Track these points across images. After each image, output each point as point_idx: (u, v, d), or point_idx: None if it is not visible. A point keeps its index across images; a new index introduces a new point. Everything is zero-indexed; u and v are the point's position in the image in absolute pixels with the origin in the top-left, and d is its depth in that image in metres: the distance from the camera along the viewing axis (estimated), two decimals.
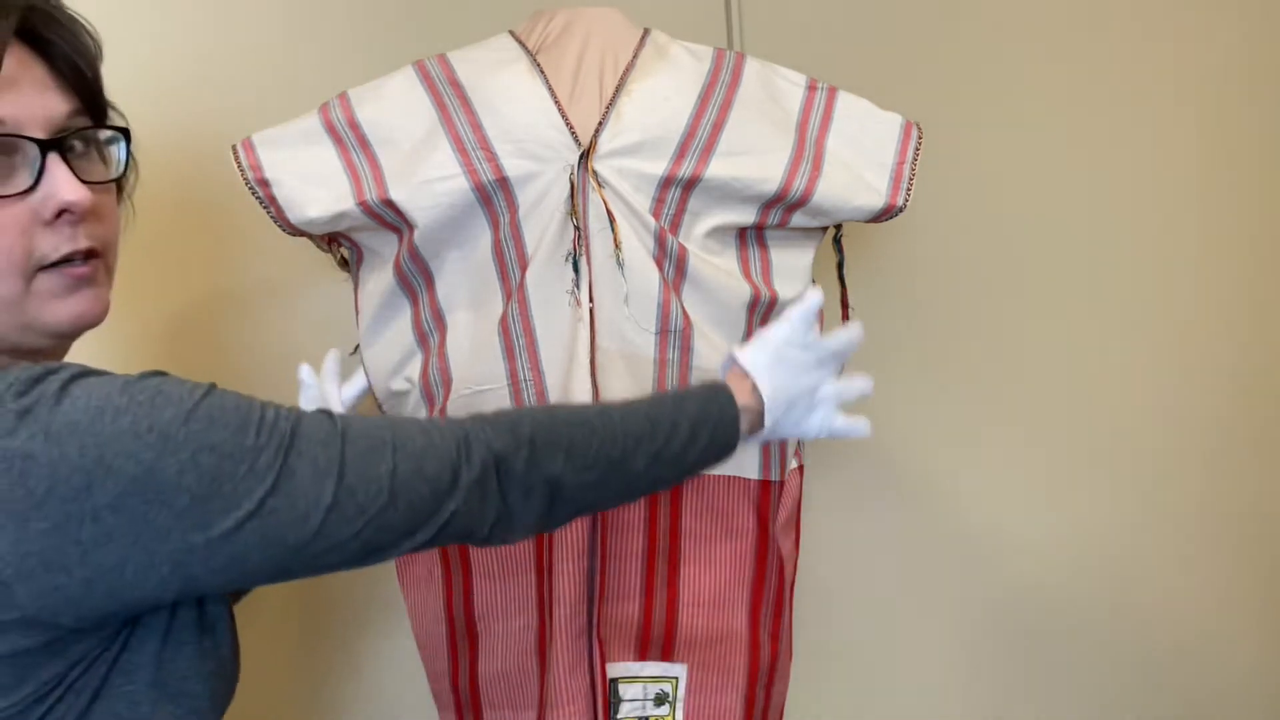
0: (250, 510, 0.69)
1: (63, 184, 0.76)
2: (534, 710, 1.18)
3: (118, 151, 0.83)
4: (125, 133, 0.82)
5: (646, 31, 1.26)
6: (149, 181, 0.91)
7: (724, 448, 0.98)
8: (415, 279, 1.22)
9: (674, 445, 0.92)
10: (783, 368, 1.03)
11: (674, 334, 1.18)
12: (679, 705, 1.19)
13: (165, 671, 0.74)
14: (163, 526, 0.67)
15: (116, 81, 1.37)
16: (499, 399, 1.17)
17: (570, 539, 1.13)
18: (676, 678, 1.20)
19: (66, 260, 0.77)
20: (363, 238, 1.23)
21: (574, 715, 1.12)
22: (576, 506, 0.91)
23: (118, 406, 0.67)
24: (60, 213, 0.76)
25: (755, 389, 1.00)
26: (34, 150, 0.74)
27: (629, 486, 0.93)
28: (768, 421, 1.01)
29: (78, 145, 0.78)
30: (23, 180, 0.74)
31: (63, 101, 0.77)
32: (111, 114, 0.84)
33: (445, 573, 1.23)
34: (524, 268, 1.17)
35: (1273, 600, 1.81)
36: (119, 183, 0.85)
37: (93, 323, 0.80)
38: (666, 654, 1.19)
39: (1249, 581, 1.81)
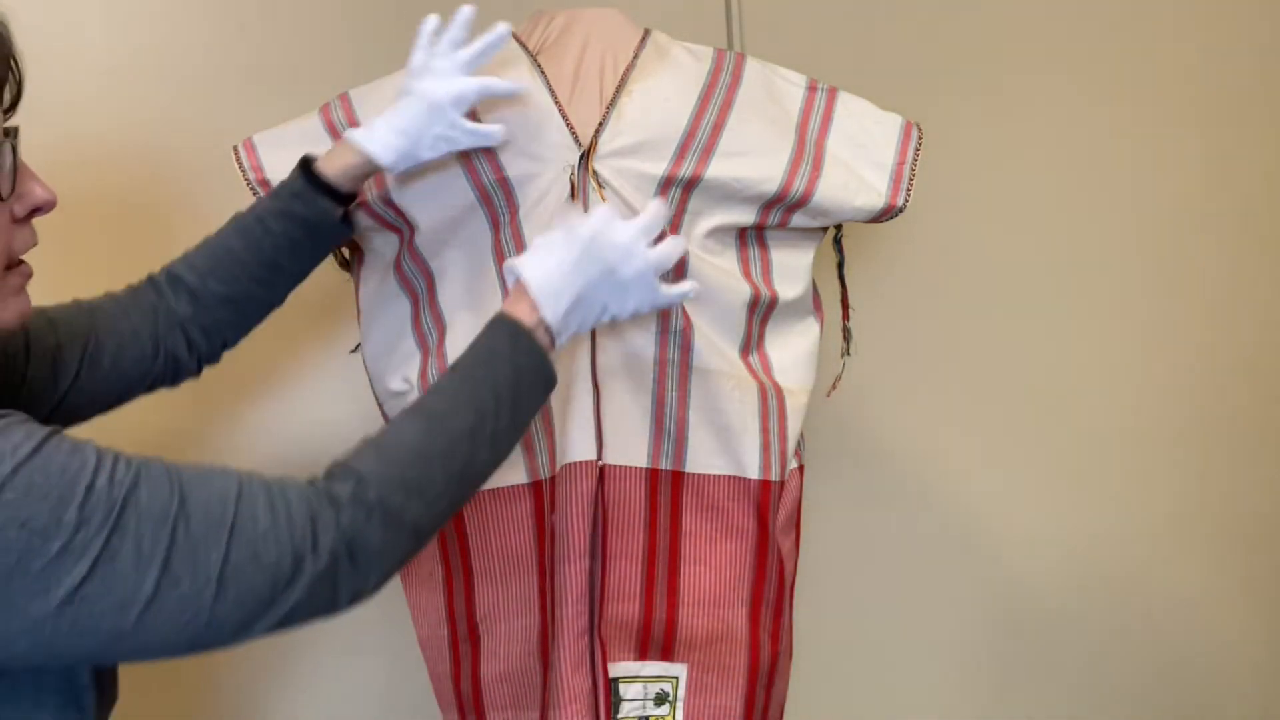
0: (60, 597, 0.63)
1: (36, 185, 0.76)
2: (537, 711, 1.18)
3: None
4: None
5: (647, 32, 1.26)
6: (149, 182, 0.91)
7: (546, 383, 0.95)
8: (416, 279, 1.22)
9: (503, 420, 0.89)
10: (555, 265, 0.97)
11: (674, 334, 1.18)
12: (679, 705, 1.19)
13: (8, 709, 0.70)
14: None
15: (118, 82, 1.38)
16: None
17: (571, 539, 1.14)
18: (677, 677, 1.20)
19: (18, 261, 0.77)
20: (363, 238, 1.24)
21: (576, 715, 1.12)
22: (439, 525, 0.87)
23: None
24: (34, 211, 0.76)
25: (534, 299, 0.96)
26: (9, 152, 0.73)
27: (483, 475, 0.90)
28: (553, 323, 0.96)
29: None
30: (5, 184, 0.73)
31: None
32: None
33: (446, 574, 1.23)
34: None
35: (1273, 600, 1.81)
36: None
37: (28, 324, 0.80)
38: (667, 654, 1.19)
39: (1250, 581, 1.81)
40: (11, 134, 0.75)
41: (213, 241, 1.06)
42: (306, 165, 1.06)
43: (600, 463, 1.16)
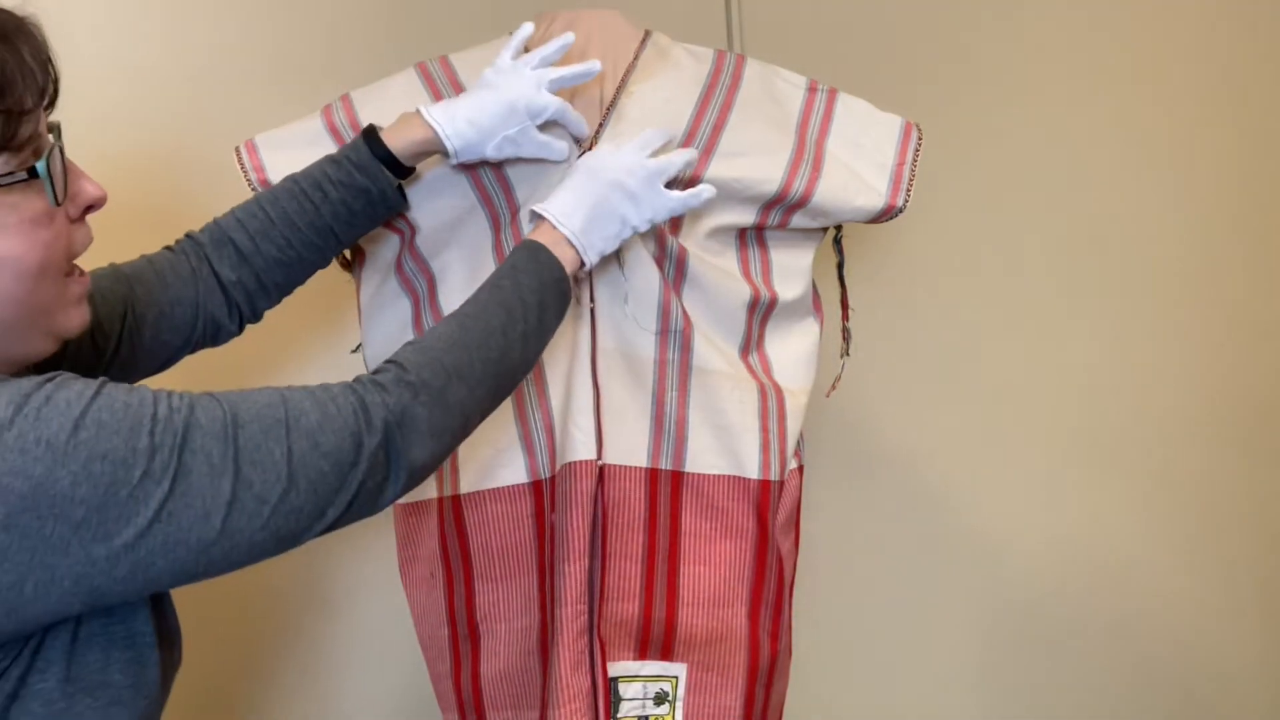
0: (150, 517, 0.68)
1: (86, 182, 0.78)
2: (537, 711, 1.18)
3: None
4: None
5: (648, 33, 1.26)
6: (152, 183, 0.92)
7: (565, 295, 1.03)
8: (417, 279, 1.22)
9: (530, 321, 0.97)
10: (568, 193, 1.07)
11: (674, 334, 1.18)
12: (679, 704, 1.19)
13: (78, 666, 0.73)
14: (60, 541, 0.66)
15: (119, 84, 1.38)
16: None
17: (571, 539, 1.14)
18: (676, 677, 1.20)
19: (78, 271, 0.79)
20: (364, 238, 1.24)
21: (575, 714, 1.12)
22: (484, 410, 0.94)
23: (3, 421, 0.65)
24: (87, 209, 0.78)
25: (552, 220, 1.05)
26: (59, 156, 0.75)
27: (515, 375, 0.97)
28: (575, 237, 1.05)
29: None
30: (60, 188, 0.75)
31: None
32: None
33: (447, 574, 1.23)
34: None
35: (1274, 601, 1.81)
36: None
37: (85, 330, 0.82)
38: (666, 653, 1.19)
39: (1251, 582, 1.81)
40: (55, 130, 0.76)
41: (265, 203, 1.08)
42: (371, 135, 1.08)
43: (600, 462, 1.16)
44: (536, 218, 1.08)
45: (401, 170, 1.09)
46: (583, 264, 1.07)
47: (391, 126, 1.09)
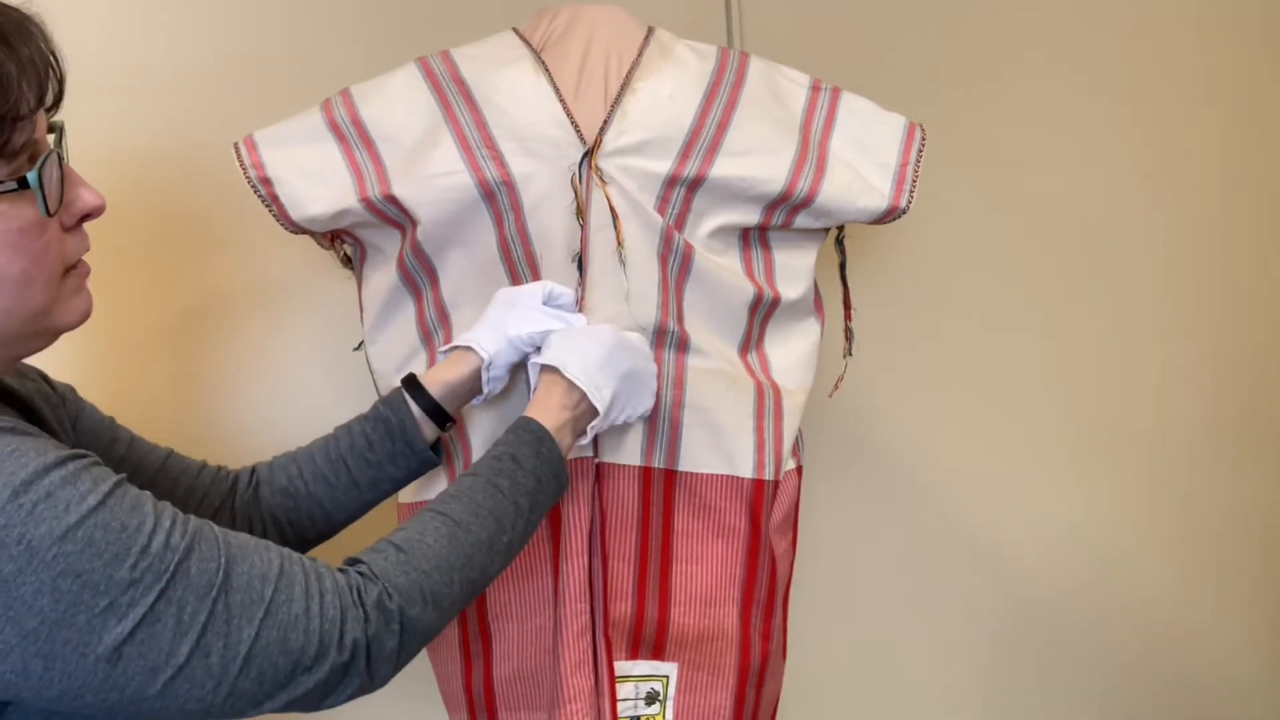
0: (99, 653, 0.65)
1: (84, 190, 0.76)
2: (545, 713, 1.18)
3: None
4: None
5: (651, 30, 1.26)
6: (152, 181, 0.91)
7: (559, 490, 1.00)
8: (419, 275, 1.22)
9: (518, 530, 0.93)
10: (594, 358, 1.05)
11: (670, 334, 1.18)
12: (669, 704, 1.19)
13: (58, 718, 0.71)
14: (3, 643, 0.63)
15: (119, 82, 1.37)
16: (515, 401, 1.18)
17: (570, 538, 1.13)
18: (667, 676, 1.20)
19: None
20: (365, 234, 1.23)
21: (576, 715, 1.12)
22: (442, 627, 0.90)
23: None
24: (83, 218, 0.76)
25: (578, 391, 1.03)
26: (55, 163, 0.74)
27: (488, 582, 0.93)
28: (599, 413, 1.04)
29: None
30: (54, 196, 0.73)
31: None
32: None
33: None
34: (533, 265, 1.17)
35: (1274, 600, 1.82)
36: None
37: (87, 318, 0.80)
38: (658, 653, 1.19)
39: (1251, 582, 1.81)
40: (58, 131, 0.76)
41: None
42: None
43: (596, 460, 1.16)
44: (544, 373, 1.05)
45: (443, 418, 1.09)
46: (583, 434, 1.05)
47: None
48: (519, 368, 1.13)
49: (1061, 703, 1.74)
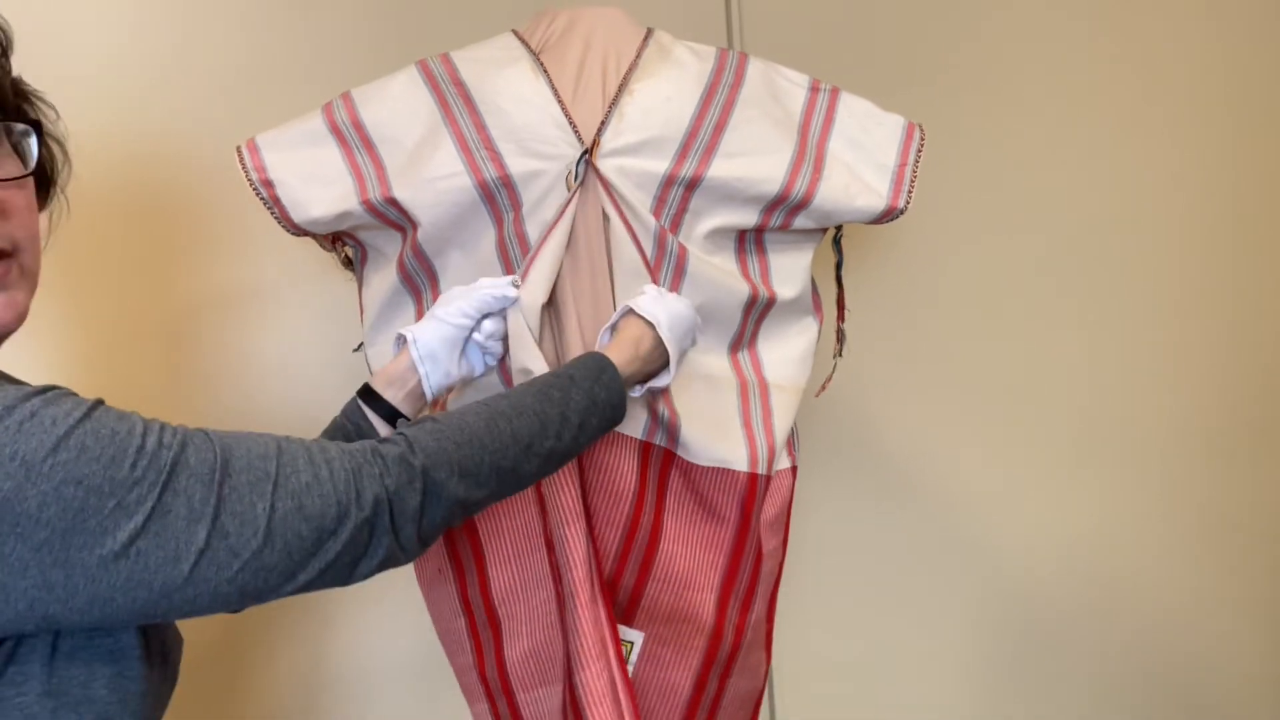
0: (115, 550, 0.65)
1: None
2: (560, 684, 1.19)
3: (31, 147, 0.78)
4: (36, 125, 0.78)
5: (650, 31, 1.26)
6: (156, 184, 0.91)
7: (614, 419, 1.01)
8: (419, 277, 1.22)
9: (564, 440, 0.93)
10: (679, 313, 1.10)
11: None
12: (630, 668, 1.21)
13: (59, 680, 0.70)
14: (19, 561, 0.63)
15: (122, 85, 1.38)
16: (493, 386, 1.19)
17: (563, 507, 1.14)
18: (632, 643, 1.21)
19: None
20: (366, 236, 1.24)
21: (602, 673, 1.12)
22: (468, 516, 0.91)
23: None
24: None
25: (657, 338, 1.06)
26: None
27: (519, 486, 0.93)
28: (672, 358, 1.07)
29: None
30: None
31: None
32: (33, 106, 0.80)
33: (456, 566, 1.24)
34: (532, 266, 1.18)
35: (1273, 600, 1.81)
36: (42, 179, 0.81)
37: (2, 330, 0.77)
38: (626, 619, 1.21)
39: (1250, 582, 1.81)
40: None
41: None
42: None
43: None
44: (624, 316, 1.09)
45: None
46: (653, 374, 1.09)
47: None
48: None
49: (1057, 703, 1.74)
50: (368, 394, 1.07)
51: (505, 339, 1.14)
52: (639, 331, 1.06)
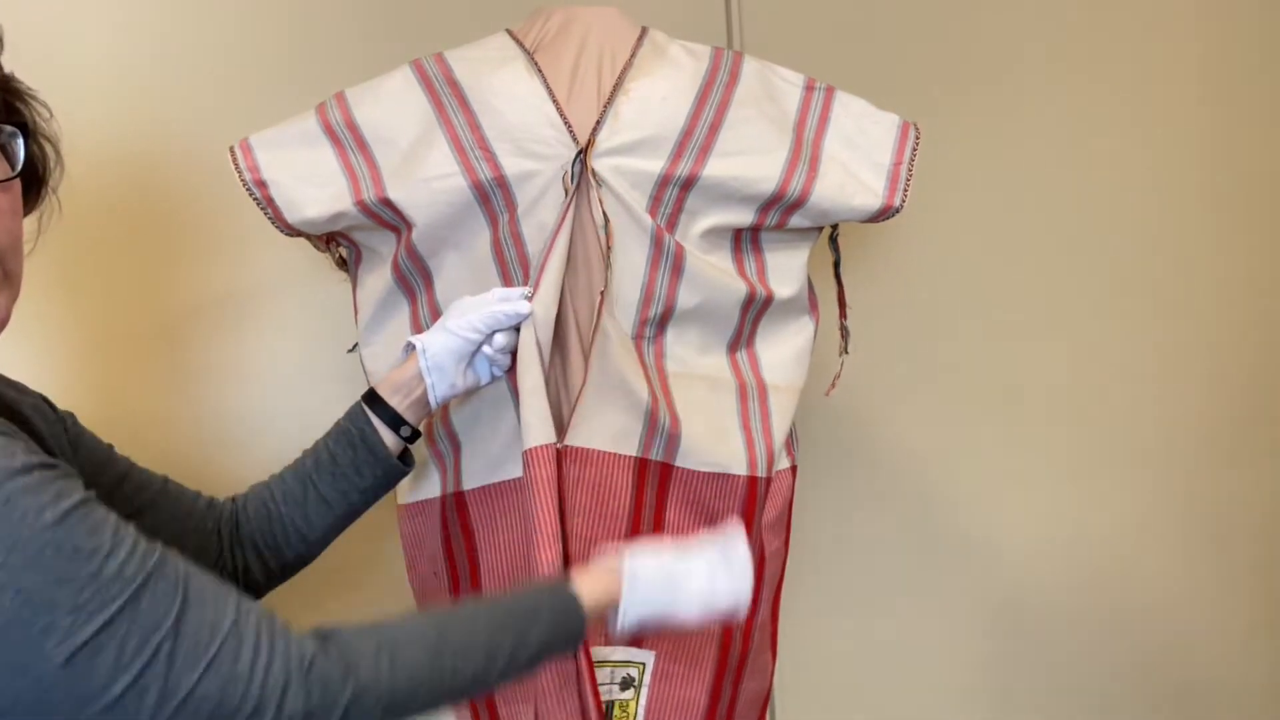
0: (36, 674, 0.63)
1: None
2: (532, 703, 1.18)
3: (18, 149, 0.76)
4: (24, 127, 0.77)
5: (645, 30, 1.26)
6: (148, 184, 0.91)
7: (565, 655, 0.97)
8: (413, 278, 1.22)
9: (509, 675, 0.88)
10: (655, 571, 1.00)
11: (648, 340, 1.19)
12: (644, 691, 1.20)
13: None
14: None
15: (116, 85, 1.37)
16: (498, 394, 1.18)
17: (541, 528, 1.10)
18: (644, 663, 1.20)
19: None
20: (360, 237, 1.24)
21: (564, 702, 1.12)
22: None
23: None
24: None
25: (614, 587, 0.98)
26: None
27: (451, 704, 0.89)
28: (624, 620, 0.99)
29: None
30: None
31: None
32: (25, 105, 0.80)
33: (451, 572, 1.23)
34: (525, 266, 1.18)
35: (1272, 600, 1.82)
36: (33, 179, 0.81)
37: None
38: (636, 639, 1.19)
39: (1249, 582, 1.81)
40: None
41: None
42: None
43: (559, 445, 1.13)
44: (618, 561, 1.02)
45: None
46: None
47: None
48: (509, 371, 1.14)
49: (1057, 703, 1.74)
50: (372, 399, 1.07)
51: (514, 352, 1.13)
52: (614, 580, 0.99)
